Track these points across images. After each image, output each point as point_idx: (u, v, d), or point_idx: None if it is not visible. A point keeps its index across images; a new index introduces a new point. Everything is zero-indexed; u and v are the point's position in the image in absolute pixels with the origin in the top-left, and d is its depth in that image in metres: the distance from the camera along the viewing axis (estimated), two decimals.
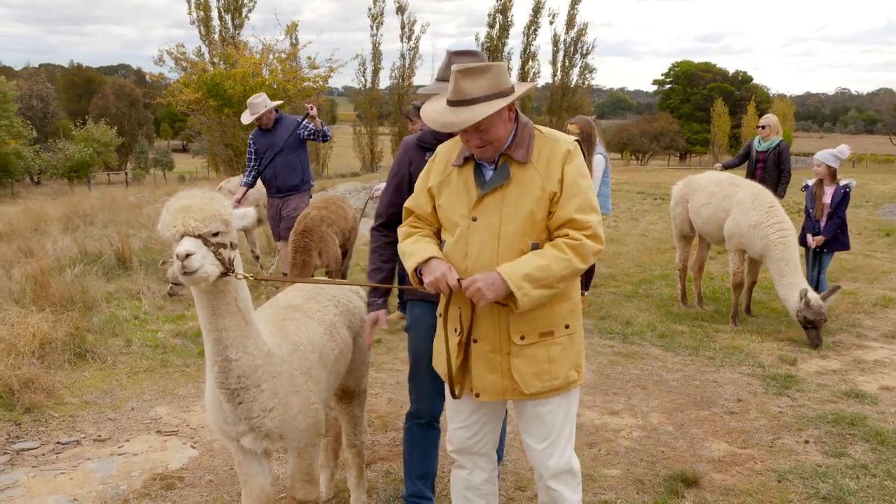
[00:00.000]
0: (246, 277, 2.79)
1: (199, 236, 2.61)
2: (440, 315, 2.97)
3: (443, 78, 3.23)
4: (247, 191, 8.23)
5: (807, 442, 4.75)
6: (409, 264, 2.82)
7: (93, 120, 50.53)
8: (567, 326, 2.81)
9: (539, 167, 2.71)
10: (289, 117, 8.24)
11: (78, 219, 14.47)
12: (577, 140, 2.82)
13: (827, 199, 7.54)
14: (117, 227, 12.52)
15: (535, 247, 2.69)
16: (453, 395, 2.88)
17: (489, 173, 2.77)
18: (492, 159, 2.75)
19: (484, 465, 3.09)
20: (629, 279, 9.62)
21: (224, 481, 4.22)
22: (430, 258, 2.76)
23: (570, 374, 2.83)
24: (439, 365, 2.99)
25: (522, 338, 2.75)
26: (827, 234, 7.51)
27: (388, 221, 3.42)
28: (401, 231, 3.00)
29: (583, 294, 8.13)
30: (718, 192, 7.68)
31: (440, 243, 2.91)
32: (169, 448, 4.66)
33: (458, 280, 2.69)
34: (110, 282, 8.92)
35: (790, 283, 6.89)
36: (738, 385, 5.79)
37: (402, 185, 3.39)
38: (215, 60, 21.91)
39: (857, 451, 4.60)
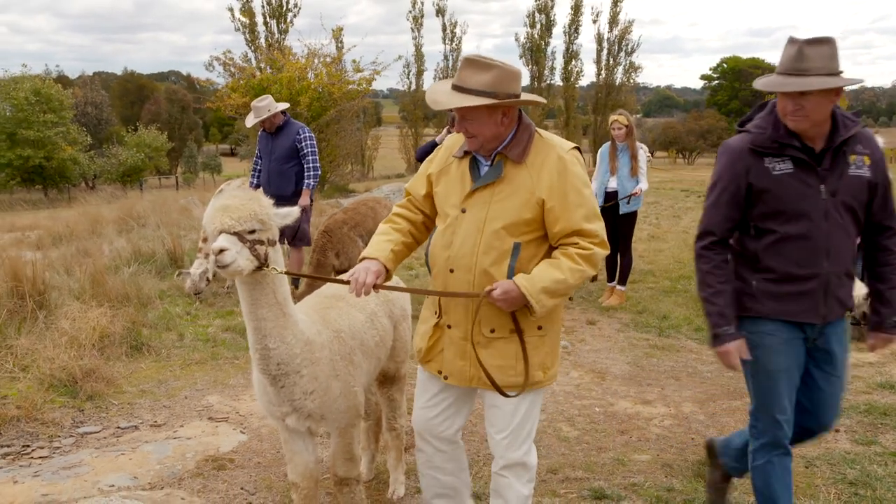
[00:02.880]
0: (279, 273, 2.97)
1: (235, 233, 2.83)
2: (427, 296, 3.13)
3: (784, 71, 2.92)
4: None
5: (837, 430, 4.82)
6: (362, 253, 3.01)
7: (144, 125, 51.84)
8: (540, 328, 2.89)
9: (532, 171, 2.79)
10: (294, 124, 8.16)
11: (132, 221, 14.95)
12: (576, 147, 2.89)
13: None
14: (168, 228, 12.94)
15: (517, 246, 2.78)
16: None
17: (484, 168, 2.87)
18: (487, 154, 2.86)
19: (445, 447, 3.15)
20: (668, 275, 9.69)
21: (271, 463, 4.47)
22: (365, 258, 2.94)
23: (535, 373, 2.90)
24: (415, 342, 3.15)
25: (492, 331, 2.86)
26: None
27: (724, 238, 3.12)
28: (391, 215, 3.16)
29: (620, 289, 8.24)
30: None
31: (411, 241, 3.10)
32: (220, 433, 4.93)
33: (376, 285, 2.87)
34: (163, 280, 9.28)
35: None
36: None
37: (739, 195, 3.04)
38: (262, 66, 22.39)
39: (888, 440, 4.66)
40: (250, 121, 8.13)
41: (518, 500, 3.06)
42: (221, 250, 2.78)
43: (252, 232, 2.87)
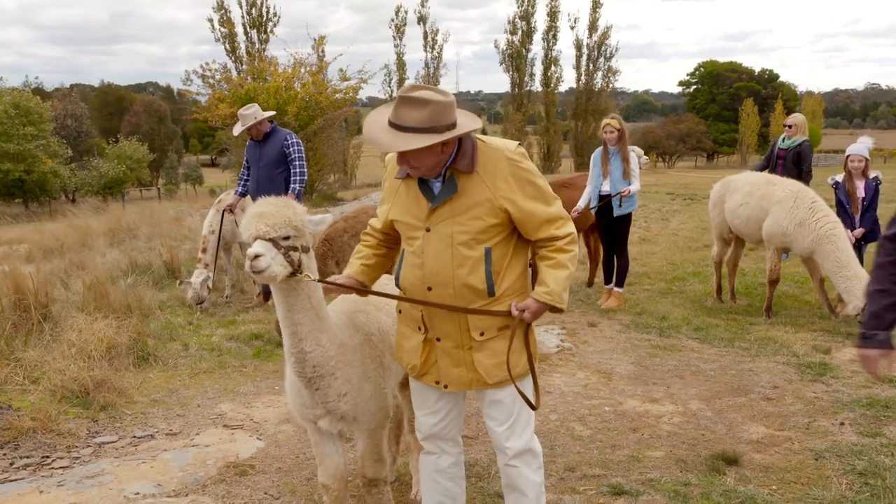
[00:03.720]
0: (312, 280, 3.03)
1: (270, 240, 2.91)
2: (398, 311, 3.21)
3: None
4: (238, 200, 8.44)
5: (842, 424, 4.95)
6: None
7: (124, 137, 51.57)
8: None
9: (486, 178, 2.85)
10: (281, 131, 8.24)
11: (122, 233, 14.94)
12: (519, 143, 2.98)
13: (861, 194, 7.68)
14: (161, 239, 12.95)
15: (488, 251, 2.88)
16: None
17: (437, 186, 2.91)
18: (435, 175, 2.88)
19: (450, 449, 3.27)
20: (662, 277, 9.83)
21: (292, 468, 4.53)
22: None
23: (526, 361, 3.04)
24: (402, 358, 3.22)
25: (482, 334, 2.95)
26: (866, 226, 7.63)
27: None
28: (361, 239, 3.29)
29: (618, 290, 8.35)
30: (756, 192, 7.75)
31: (385, 252, 3.23)
32: (237, 440, 4.98)
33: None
34: (162, 291, 9.31)
35: (853, 275, 6.90)
36: (773, 373, 6.00)
37: None
38: (243, 76, 22.39)
39: (892, 432, 4.79)
40: (237, 129, 8.18)
41: (533, 487, 3.15)
42: (256, 256, 2.85)
43: (286, 238, 2.95)
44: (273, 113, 8.67)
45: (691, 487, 4.11)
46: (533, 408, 3.05)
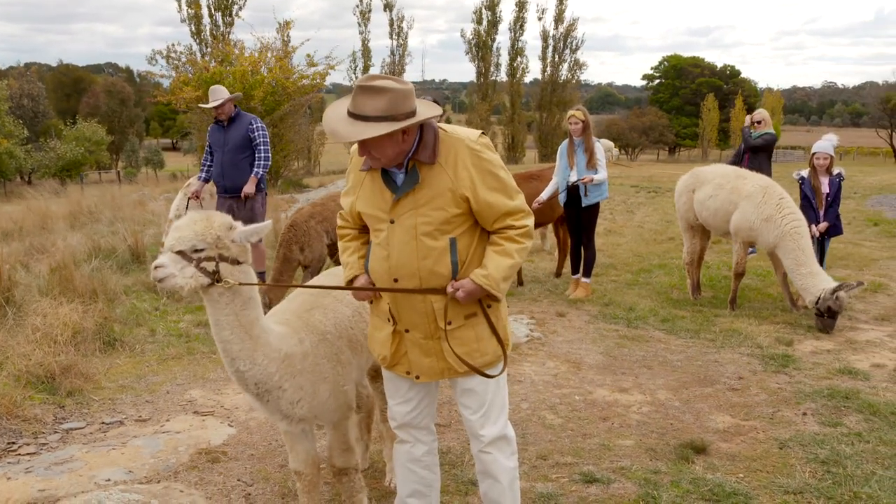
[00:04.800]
0: (230, 286, 2.93)
1: (178, 252, 2.89)
2: (370, 303, 3.20)
3: None
4: (203, 185, 8.39)
5: (805, 414, 5.09)
6: (344, 276, 3.16)
7: (83, 118, 50.48)
8: (489, 306, 3.00)
9: (448, 168, 2.83)
10: (246, 115, 8.21)
11: (83, 216, 14.66)
12: (483, 132, 2.98)
13: (826, 189, 7.85)
14: (125, 223, 12.73)
15: (453, 241, 2.88)
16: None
17: (400, 177, 2.88)
18: (398, 166, 2.87)
19: (424, 437, 3.27)
20: (629, 268, 9.96)
21: (265, 455, 4.52)
22: (356, 276, 3.09)
23: (496, 348, 3.04)
24: (373, 349, 3.22)
25: (450, 323, 2.95)
26: (829, 220, 7.81)
27: None
28: (338, 233, 3.25)
29: (585, 281, 8.44)
30: (726, 185, 7.84)
31: (367, 238, 3.16)
32: (208, 427, 4.95)
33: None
34: (126, 276, 9.16)
35: (809, 272, 7.07)
36: (738, 364, 6.12)
37: None
38: (207, 59, 22.09)
39: (852, 421, 4.94)
40: (211, 103, 8.08)
41: (507, 473, 3.17)
42: (156, 266, 2.87)
43: (199, 251, 2.91)
44: (240, 95, 8.62)
45: (661, 475, 4.19)
46: (490, 377, 3.03)
